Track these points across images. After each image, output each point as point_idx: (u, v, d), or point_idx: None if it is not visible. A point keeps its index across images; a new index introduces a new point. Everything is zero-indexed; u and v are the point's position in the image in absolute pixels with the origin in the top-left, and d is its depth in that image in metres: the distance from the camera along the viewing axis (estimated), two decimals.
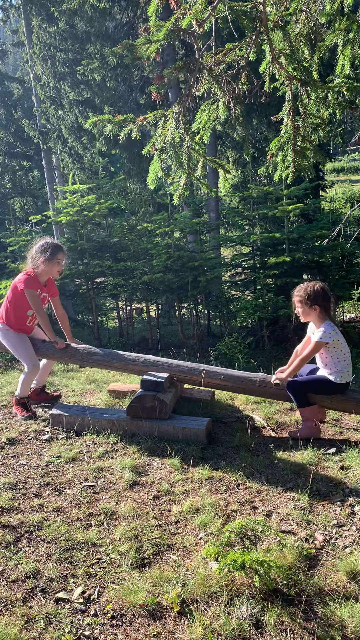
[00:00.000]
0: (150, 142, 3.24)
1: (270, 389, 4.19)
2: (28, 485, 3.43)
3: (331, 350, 4.00)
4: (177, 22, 2.87)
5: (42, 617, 2.30)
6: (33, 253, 4.55)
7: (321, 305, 4.01)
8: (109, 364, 4.57)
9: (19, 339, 4.55)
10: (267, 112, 11.76)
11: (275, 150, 3.69)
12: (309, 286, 4.04)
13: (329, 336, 3.93)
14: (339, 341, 4.00)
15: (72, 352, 4.59)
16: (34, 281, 4.49)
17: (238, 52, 3.31)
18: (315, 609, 2.32)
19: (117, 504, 3.19)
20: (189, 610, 2.31)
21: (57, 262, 4.52)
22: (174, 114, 3.11)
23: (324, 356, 4.05)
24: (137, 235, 9.87)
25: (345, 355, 4.02)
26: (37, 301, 4.45)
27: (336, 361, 4.00)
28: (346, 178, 29.48)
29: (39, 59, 13.48)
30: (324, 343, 3.94)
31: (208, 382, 4.33)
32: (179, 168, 3.20)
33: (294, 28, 3.50)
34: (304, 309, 4.04)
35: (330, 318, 4.05)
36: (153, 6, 2.94)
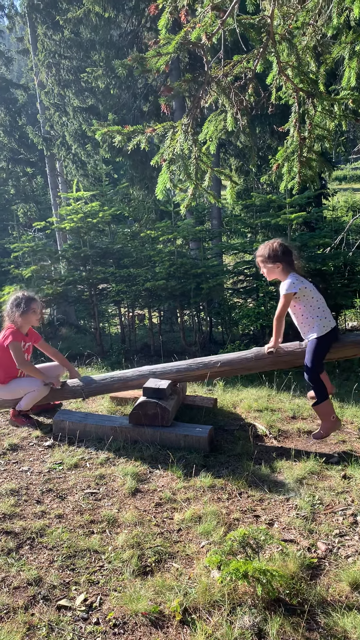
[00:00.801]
0: (159, 153, 3.27)
1: (267, 359, 4.19)
2: (30, 492, 3.43)
3: (302, 301, 3.96)
4: (186, 35, 2.90)
5: (44, 625, 2.30)
6: (8, 310, 4.67)
7: (283, 261, 4.00)
8: (109, 386, 4.61)
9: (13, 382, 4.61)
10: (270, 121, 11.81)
11: (281, 161, 3.72)
12: (268, 244, 4.04)
13: (294, 286, 3.90)
14: (307, 289, 3.96)
15: (71, 388, 4.65)
16: (17, 334, 4.59)
17: (245, 64, 3.35)
18: (317, 619, 2.32)
19: (119, 512, 3.19)
20: (191, 619, 2.31)
21: (32, 311, 4.63)
22: (183, 125, 3.14)
23: (297, 310, 4.01)
24: (140, 242, 9.90)
25: (318, 302, 3.98)
26: (20, 354, 4.51)
27: (311, 311, 3.96)
28: (348, 186, 29.57)
29: (43, 66, 13.58)
30: (291, 294, 3.90)
31: (208, 373, 4.34)
32: (187, 179, 3.23)
33: (300, 41, 3.54)
34: (267, 267, 4.04)
35: (294, 271, 4.03)
36: (164, 20, 2.99)
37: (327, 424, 3.99)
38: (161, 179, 3.24)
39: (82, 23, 12.94)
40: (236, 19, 2.96)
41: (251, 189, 13.71)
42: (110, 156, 13.57)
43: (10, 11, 16.12)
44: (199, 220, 9.83)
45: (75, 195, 9.58)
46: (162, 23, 3.05)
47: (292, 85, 3.40)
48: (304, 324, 4.03)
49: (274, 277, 4.12)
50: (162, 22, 3.05)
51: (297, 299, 3.97)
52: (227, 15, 2.91)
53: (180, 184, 3.38)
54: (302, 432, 4.37)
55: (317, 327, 3.95)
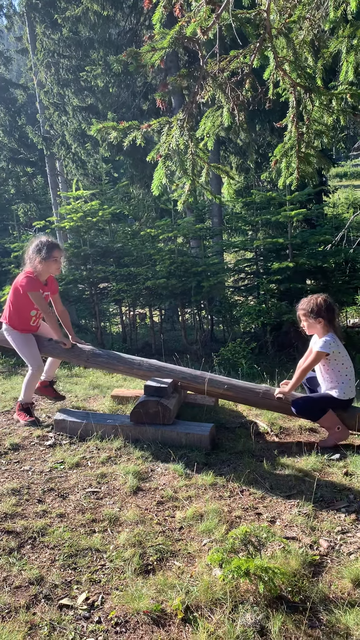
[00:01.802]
0: (155, 149, 3.25)
1: (273, 401, 4.17)
2: (32, 491, 3.43)
3: (332, 363, 3.97)
4: (181, 30, 2.89)
5: (46, 624, 2.29)
6: (30, 254, 4.47)
7: (325, 318, 4.02)
8: (113, 366, 4.55)
9: (24, 340, 4.51)
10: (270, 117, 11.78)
11: (279, 157, 3.70)
12: (312, 299, 4.05)
13: (329, 347, 3.91)
14: (340, 354, 3.97)
15: (78, 352, 4.56)
16: (36, 282, 4.41)
17: (242, 59, 3.32)
18: (320, 616, 2.31)
19: (120, 510, 3.19)
20: (193, 617, 2.30)
21: (54, 260, 4.43)
22: (178, 121, 3.13)
23: (325, 369, 4.03)
24: (141, 240, 9.89)
25: (347, 369, 3.99)
26: (44, 303, 4.40)
27: (337, 375, 3.97)
28: (349, 183, 29.50)
29: (42, 65, 13.56)
30: (324, 353, 3.92)
31: (211, 390, 4.32)
32: (184, 175, 3.21)
33: (297, 35, 3.52)
34: (308, 322, 4.05)
35: (334, 331, 4.05)
36: (158, 14, 2.96)
37: (333, 435, 3.98)
38: (157, 174, 3.23)
39: (81, 22, 12.93)
40: (232, 14, 2.94)
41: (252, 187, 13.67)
42: (110, 155, 13.58)
43: (8, 10, 16.08)
44: (200, 218, 9.81)
45: (75, 194, 9.57)
46: (156, 17, 3.02)
47: (289, 80, 3.38)
48: (325, 383, 4.07)
49: (313, 332, 4.12)
50: (157, 17, 3.02)
51: (328, 360, 3.98)
52: (222, 9, 2.89)
53: (177, 180, 3.37)
54: (303, 430, 4.36)
55: (337, 392, 3.96)
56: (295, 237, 8.33)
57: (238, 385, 4.30)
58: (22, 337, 4.51)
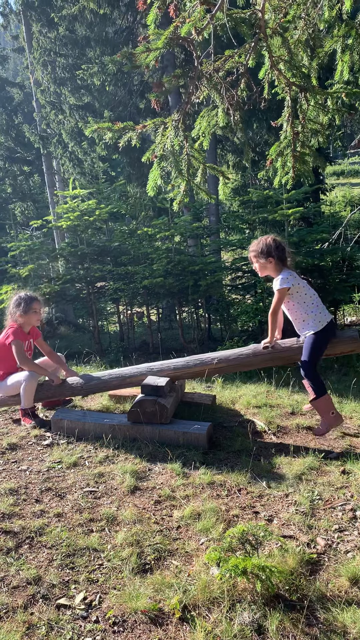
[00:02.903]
0: (150, 150, 3.24)
1: (265, 355, 4.18)
2: (29, 491, 3.43)
3: (296, 297, 3.97)
4: (176, 30, 2.88)
5: (44, 624, 2.30)
6: (11, 309, 4.73)
7: (276, 257, 4.02)
8: (107, 383, 4.61)
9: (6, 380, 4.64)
10: (267, 116, 11.79)
11: (274, 156, 3.70)
12: (262, 240, 4.06)
13: (287, 281, 3.92)
14: (300, 285, 3.97)
15: (70, 385, 4.65)
16: (19, 332, 4.65)
17: (237, 58, 3.32)
18: (317, 615, 2.32)
19: (118, 510, 3.19)
20: (191, 616, 2.31)
21: (33, 312, 4.69)
22: (173, 121, 3.12)
23: (291, 306, 4.01)
24: (138, 239, 9.88)
25: (312, 297, 3.99)
26: (21, 351, 4.56)
27: (305, 307, 3.97)
28: (346, 181, 29.51)
29: (39, 64, 13.53)
30: (285, 289, 3.92)
31: (206, 370, 4.34)
32: (179, 175, 3.21)
33: (292, 34, 3.52)
34: (259, 262, 4.04)
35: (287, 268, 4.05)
36: (152, 15, 2.96)
37: (327, 420, 3.98)
38: (152, 175, 3.23)
39: (77, 20, 12.90)
40: (226, 13, 2.94)
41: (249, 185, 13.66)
42: (106, 154, 13.55)
43: (4, 9, 16.05)
44: (197, 217, 9.81)
45: (71, 193, 9.55)
46: (150, 18, 3.02)
47: (284, 80, 3.38)
48: (298, 320, 4.03)
49: (266, 272, 4.12)
50: (151, 17, 3.02)
51: (291, 295, 3.97)
52: (217, 10, 2.88)
53: (172, 180, 3.37)
54: (301, 428, 4.37)
55: (312, 323, 3.94)
56: (292, 236, 8.33)
57: (227, 355, 4.34)
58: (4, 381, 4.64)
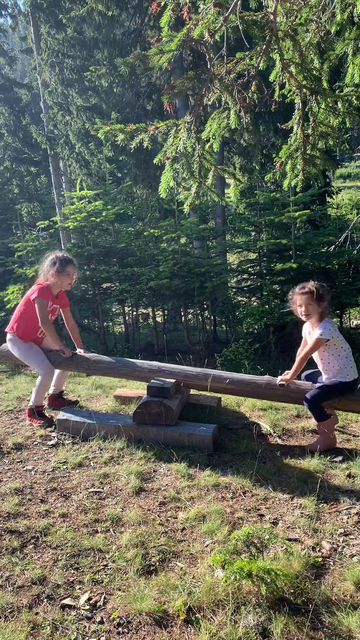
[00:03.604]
0: (162, 151, 3.25)
1: (277, 390, 4.17)
2: (34, 491, 3.43)
3: (331, 348, 3.97)
4: (189, 33, 2.89)
5: (48, 624, 2.30)
6: (44, 267, 4.65)
7: (327, 303, 4.03)
8: (115, 371, 4.58)
9: (29, 347, 4.58)
10: (274, 119, 11.78)
11: (284, 159, 3.70)
12: (312, 284, 4.04)
13: (329, 332, 3.91)
14: (339, 338, 3.98)
15: (79, 360, 4.61)
16: (46, 291, 4.54)
17: (248, 61, 3.32)
18: (322, 619, 2.31)
19: (123, 510, 3.19)
20: (195, 619, 2.30)
21: (66, 274, 4.61)
22: (185, 123, 3.12)
23: (325, 356, 4.02)
24: (144, 241, 9.89)
25: (346, 352, 3.99)
26: (44, 311, 4.48)
27: (338, 359, 3.97)
28: (353, 184, 29.45)
29: (47, 65, 13.57)
30: (324, 340, 3.92)
31: (214, 386, 4.32)
32: (191, 177, 3.21)
33: (304, 37, 3.52)
34: (312, 306, 3.99)
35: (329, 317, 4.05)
36: (166, 17, 2.97)
37: (325, 440, 3.99)
38: (164, 177, 3.22)
39: (85, 22, 12.94)
40: (239, 16, 2.94)
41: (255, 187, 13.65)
42: (113, 155, 13.56)
43: (13, 10, 16.10)
44: (203, 219, 9.81)
45: (78, 194, 9.58)
46: (164, 21, 3.03)
47: (295, 82, 3.38)
48: (328, 370, 4.06)
49: (311, 317, 4.07)
50: (165, 20, 3.03)
51: (327, 345, 3.98)
52: (230, 12, 2.88)
53: (183, 182, 3.37)
54: (306, 431, 4.36)
55: (340, 375, 3.97)
56: (298, 238, 8.33)
57: (240, 378, 4.31)
58: (26, 345, 4.58)
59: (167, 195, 3.30)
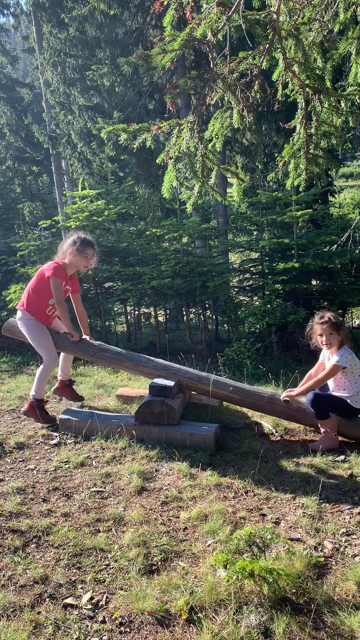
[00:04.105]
0: (165, 151, 3.24)
1: (278, 406, 4.18)
2: (36, 490, 3.43)
3: (349, 375, 4.03)
4: (191, 32, 2.88)
5: (51, 623, 2.30)
6: (64, 246, 4.58)
7: (345, 330, 4.13)
8: (119, 362, 4.54)
9: (40, 330, 4.48)
10: (276, 118, 11.76)
11: (287, 158, 3.69)
12: (332, 314, 4.12)
13: (347, 360, 3.98)
14: (356, 366, 4.04)
15: (85, 346, 4.57)
16: (61, 270, 4.45)
17: (251, 60, 3.32)
18: (324, 618, 2.31)
19: (125, 510, 3.19)
20: (197, 618, 2.30)
21: (85, 256, 4.52)
22: (188, 123, 3.12)
23: (341, 381, 4.08)
24: (146, 240, 9.88)
25: None
26: (60, 290, 4.40)
27: (353, 385, 4.03)
28: (355, 183, 29.41)
29: (49, 64, 13.58)
30: (341, 367, 3.98)
31: (216, 392, 4.33)
32: (194, 177, 3.21)
33: (307, 36, 3.51)
34: (332, 335, 4.07)
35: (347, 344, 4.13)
36: (169, 16, 2.97)
37: (328, 440, 4.00)
38: (167, 177, 3.22)
39: (87, 21, 12.93)
40: (242, 15, 2.93)
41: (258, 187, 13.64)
42: (115, 154, 13.57)
43: (15, 10, 16.08)
44: (205, 218, 9.80)
45: (80, 194, 9.58)
46: (167, 20, 3.03)
47: (298, 82, 3.38)
48: (340, 391, 4.10)
49: (332, 345, 4.12)
50: (167, 19, 3.03)
51: (344, 372, 4.03)
52: (233, 11, 2.88)
53: (186, 182, 3.37)
54: (308, 431, 4.35)
55: (352, 399, 4.00)
56: (300, 238, 8.31)
57: (243, 388, 4.31)
58: (37, 327, 4.48)
59: (169, 195, 3.30)
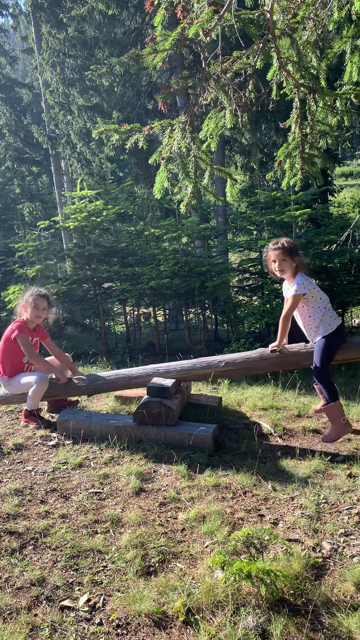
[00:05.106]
0: (157, 151, 3.23)
1: (272, 359, 4.17)
2: (34, 492, 3.43)
3: (310, 301, 3.94)
4: (183, 32, 2.87)
5: (47, 625, 2.29)
6: (20, 303, 4.73)
7: (300, 258, 3.99)
8: (113, 385, 4.62)
9: (16, 378, 4.60)
10: (275, 117, 11.74)
11: (283, 158, 3.68)
12: (283, 240, 3.99)
13: (304, 286, 3.88)
14: (315, 289, 3.95)
15: (74, 385, 4.65)
16: (24, 327, 4.60)
17: (245, 60, 3.31)
18: (322, 620, 2.30)
19: (123, 511, 3.19)
20: (195, 620, 2.29)
21: (34, 306, 4.61)
22: (180, 123, 3.10)
23: (304, 310, 3.98)
24: (145, 240, 9.88)
25: (324, 301, 3.97)
26: (29, 346, 4.54)
27: (317, 310, 3.94)
28: (355, 183, 29.39)
29: (48, 65, 13.57)
30: (301, 295, 3.89)
31: (212, 372, 4.33)
32: (186, 177, 3.19)
33: (301, 35, 3.50)
34: (286, 261, 3.95)
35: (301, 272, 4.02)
36: (159, 16, 2.95)
37: (337, 427, 3.95)
38: (159, 177, 3.20)
39: (86, 21, 12.93)
40: (235, 14, 2.92)
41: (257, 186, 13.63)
42: (114, 154, 13.57)
43: (14, 10, 16.08)
44: (204, 218, 9.78)
45: (79, 194, 9.57)
46: (157, 19, 3.01)
47: (293, 81, 3.37)
48: (310, 326, 4.00)
49: (285, 273, 4.03)
50: (158, 19, 3.01)
51: (305, 299, 3.94)
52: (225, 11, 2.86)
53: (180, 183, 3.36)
54: (307, 431, 4.34)
55: (322, 328, 3.92)
56: (299, 237, 8.30)
57: (234, 358, 4.33)
58: (16, 378, 4.60)
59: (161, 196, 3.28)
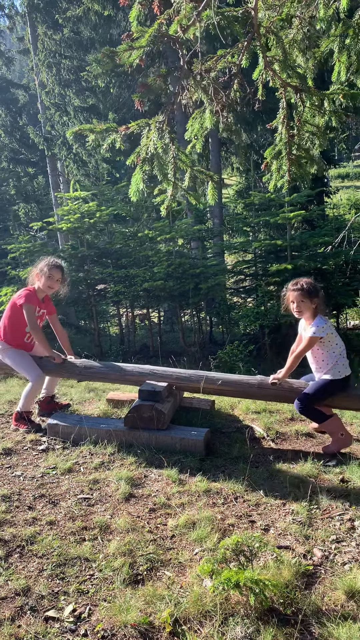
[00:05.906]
0: (135, 152, 3.15)
1: (270, 390, 4.11)
2: (22, 497, 3.37)
3: (326, 345, 3.90)
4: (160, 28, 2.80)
5: (31, 637, 2.24)
6: (34, 270, 4.62)
7: (320, 299, 3.96)
8: (106, 376, 4.54)
9: (20, 354, 4.51)
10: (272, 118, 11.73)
11: (269, 159, 3.63)
12: (304, 280, 3.97)
13: (323, 330, 3.84)
14: (333, 334, 3.91)
15: (69, 366, 4.57)
16: (32, 296, 4.49)
17: (230, 58, 3.25)
18: (312, 629, 2.25)
19: (112, 518, 3.13)
20: (182, 630, 2.24)
21: (49, 277, 4.51)
22: (157, 123, 3.03)
23: (318, 353, 3.94)
24: (139, 242, 9.84)
25: (340, 348, 3.93)
26: (32, 317, 4.43)
27: (332, 356, 3.90)
28: (351, 184, 29.40)
29: (44, 66, 13.53)
30: (318, 338, 3.85)
31: (206, 388, 4.27)
32: (164, 179, 3.12)
33: (287, 34, 3.44)
34: (305, 302, 3.92)
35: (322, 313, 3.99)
36: (134, 11, 2.87)
37: (335, 441, 3.92)
38: (134, 179, 3.11)
39: (82, 22, 12.91)
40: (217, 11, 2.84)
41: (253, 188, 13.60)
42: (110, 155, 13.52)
43: (10, 11, 16.03)
44: (199, 220, 9.75)
45: (73, 195, 9.53)
46: (133, 14, 2.92)
47: (279, 81, 3.30)
48: (321, 368, 3.97)
49: (304, 314, 4.00)
50: (134, 14, 2.91)
51: (322, 343, 3.90)
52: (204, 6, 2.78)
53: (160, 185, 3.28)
54: (300, 434, 4.30)
55: (333, 372, 3.90)
56: (294, 239, 8.27)
57: (232, 379, 4.26)
58: (17, 353, 4.52)
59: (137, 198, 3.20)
